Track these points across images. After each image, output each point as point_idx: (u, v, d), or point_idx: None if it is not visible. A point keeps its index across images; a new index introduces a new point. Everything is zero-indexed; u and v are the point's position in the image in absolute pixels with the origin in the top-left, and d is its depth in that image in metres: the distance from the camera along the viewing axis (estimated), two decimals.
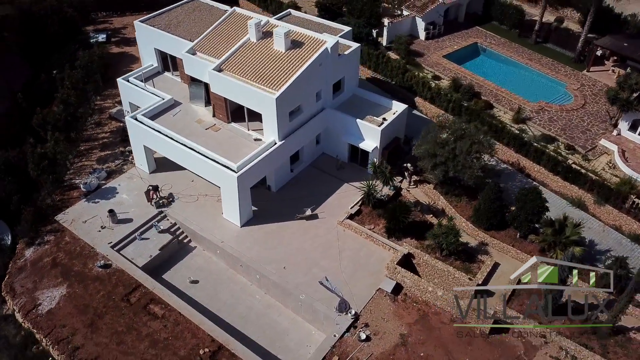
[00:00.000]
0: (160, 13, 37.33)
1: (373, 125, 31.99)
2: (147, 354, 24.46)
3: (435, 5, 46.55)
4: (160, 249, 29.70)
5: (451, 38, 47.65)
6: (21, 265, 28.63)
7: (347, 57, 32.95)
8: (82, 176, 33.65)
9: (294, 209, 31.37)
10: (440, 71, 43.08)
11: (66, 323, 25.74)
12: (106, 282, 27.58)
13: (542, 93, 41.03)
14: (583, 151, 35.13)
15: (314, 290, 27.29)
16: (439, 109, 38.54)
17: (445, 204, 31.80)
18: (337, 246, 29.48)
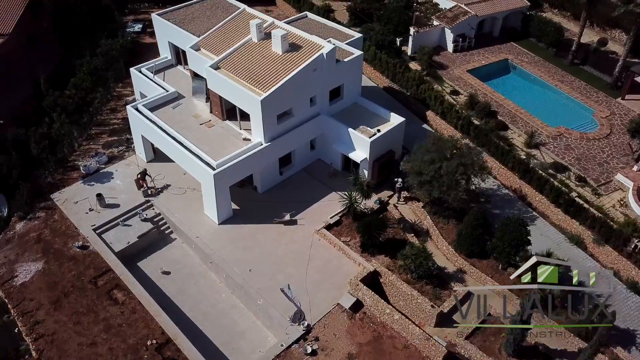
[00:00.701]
0: (180, 7, 38.25)
1: (363, 136, 31.20)
2: (98, 337, 25.14)
3: (467, 17, 44.78)
4: (139, 237, 30.40)
5: (481, 52, 45.67)
6: (10, 237, 30.25)
7: (346, 64, 32.31)
8: (86, 159, 35.08)
9: (276, 212, 31.17)
10: (460, 86, 41.43)
11: (34, 297, 26.93)
12: (80, 262, 28.61)
13: (566, 118, 38.49)
14: (595, 184, 32.61)
15: (274, 297, 27.01)
16: (448, 125, 37.05)
17: (430, 225, 30.49)
18: (308, 255, 29.02)
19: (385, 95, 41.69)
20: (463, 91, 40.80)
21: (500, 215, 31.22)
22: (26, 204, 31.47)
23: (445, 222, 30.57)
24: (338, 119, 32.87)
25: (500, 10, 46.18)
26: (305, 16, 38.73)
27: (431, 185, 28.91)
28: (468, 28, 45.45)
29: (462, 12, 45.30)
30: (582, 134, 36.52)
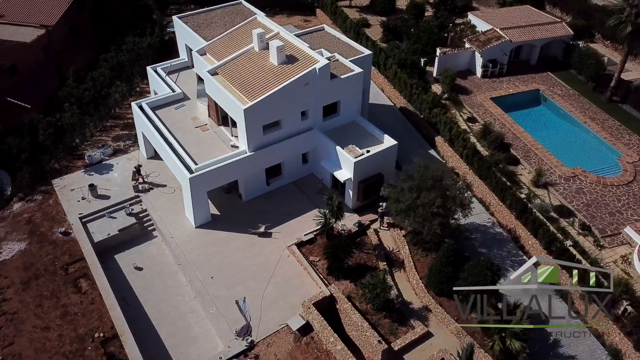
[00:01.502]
0: (202, 12, 39.21)
1: (349, 156, 30.36)
2: (52, 323, 26.03)
3: (500, 42, 42.59)
4: (120, 230, 31.25)
5: (512, 80, 43.25)
6: (5, 215, 32.12)
7: (342, 80, 31.63)
8: (93, 149, 36.66)
9: (255, 221, 31.02)
10: (479, 113, 39.43)
11: (9, 275, 28.37)
12: (58, 248, 29.83)
13: (587, 159, 35.62)
14: (599, 235, 29.77)
15: (228, 307, 26.82)
16: (455, 152, 35.32)
17: (407, 255, 29.10)
18: (272, 270, 28.58)
19: (399, 116, 40.52)
20: (480, 119, 38.79)
21: (486, 254, 29.31)
22: (27, 186, 33.31)
23: (423, 255, 29.11)
24: (331, 135, 32.23)
25: (538, 38, 43.51)
26: (322, 29, 38.38)
27: (407, 214, 27.60)
28: (500, 53, 43.17)
29: (496, 37, 43.12)
30: (600, 178, 33.50)
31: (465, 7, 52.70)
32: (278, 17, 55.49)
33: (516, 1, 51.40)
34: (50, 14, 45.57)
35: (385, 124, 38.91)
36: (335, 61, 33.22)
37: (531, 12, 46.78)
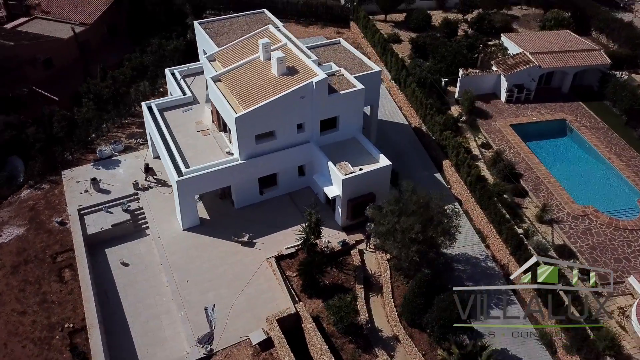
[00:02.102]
0: (223, 18, 39.90)
1: (338, 172, 29.77)
2: (30, 309, 27.01)
3: (528, 66, 40.69)
4: (113, 225, 32.02)
5: (538, 107, 41.15)
6: (13, 200, 33.79)
7: (342, 96, 31.12)
8: (106, 144, 37.98)
9: (242, 229, 31.01)
10: (495, 140, 37.75)
11: (2, 258, 29.73)
12: (52, 237, 30.99)
13: (603, 198, 33.27)
14: (599, 282, 27.56)
15: (197, 312, 26.86)
16: (460, 178, 33.94)
17: (387, 281, 28.11)
18: (247, 280, 28.39)
19: (412, 136, 39.50)
20: (495, 146, 37.09)
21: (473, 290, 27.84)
22: (38, 175, 34.94)
23: (404, 282, 27.99)
24: (327, 150, 31.78)
25: (570, 65, 41.19)
26: (337, 42, 38.08)
27: (386, 238, 26.68)
28: (528, 79, 41.21)
29: (524, 61, 41.21)
30: (613, 219, 31.11)
31: (503, 28, 50.83)
32: (312, 28, 55.84)
33: (558, 25, 48.96)
34: (90, 13, 48.05)
35: (395, 143, 38.27)
36: (340, 76, 32.80)
37: (569, 38, 44.42)
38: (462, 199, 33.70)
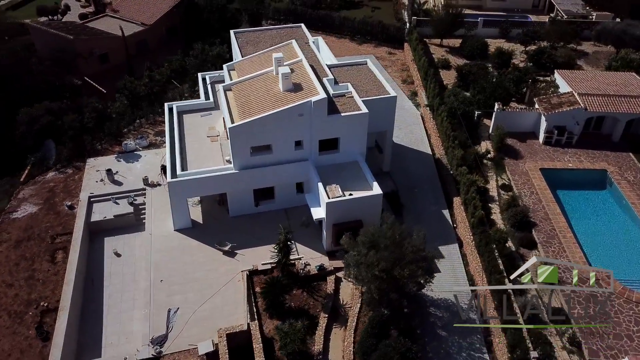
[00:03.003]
0: (259, 30, 40.71)
1: (324, 195, 29.05)
2: (17, 283, 28.92)
3: (572, 108, 37.41)
4: (115, 216, 33.60)
5: (579, 154, 37.61)
6: (38, 180, 36.50)
7: (342, 118, 30.40)
8: (133, 139, 40.01)
9: (228, 237, 31.23)
10: (518, 183, 35.00)
11: (10, 232, 32.19)
12: (58, 219, 33.08)
13: (624, 264, 29.89)
14: (586, 351, 24.58)
15: (160, 313, 27.33)
16: (465, 217, 31.87)
17: (354, 314, 26.88)
18: (217, 289, 28.45)
19: (431, 167, 37.75)
20: (516, 189, 34.37)
21: (444, 338, 26.01)
22: (65, 160, 37.54)
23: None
24: (324, 171, 31.21)
25: (622, 112, 37.25)
26: (364, 63, 37.32)
27: (352, 270, 25.57)
28: (572, 121, 37.81)
29: (569, 102, 37.91)
30: (627, 290, 27.53)
31: (565, 64, 47.14)
32: (365, 46, 55.39)
33: (625, 67, 44.56)
34: (151, 15, 51.11)
35: (413, 173, 36.90)
36: (349, 97, 32.12)
37: (632, 81, 40.25)
38: (463, 241, 31.57)
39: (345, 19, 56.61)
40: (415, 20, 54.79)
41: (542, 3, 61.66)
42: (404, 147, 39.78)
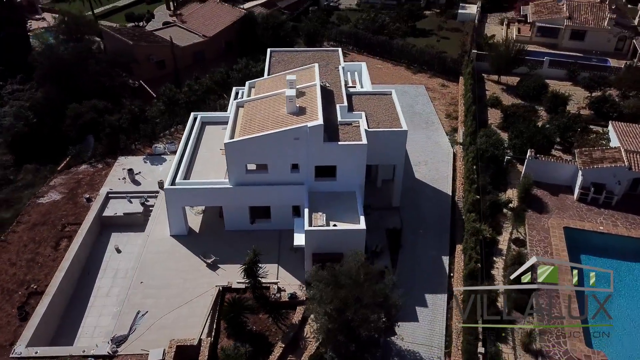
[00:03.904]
0: (296, 50, 41.22)
1: (305, 223, 28.45)
2: (18, 262, 31.19)
3: (613, 165, 33.74)
4: (124, 214, 35.34)
5: (617, 217, 33.85)
6: (71, 172, 39.26)
7: (339, 147, 29.73)
8: (165, 143, 41.94)
9: (215, 250, 31.57)
10: (535, 240, 32.32)
11: (31, 215, 34.88)
12: (75, 209, 35.37)
13: (631, 348, 25.84)
14: None
15: (129, 313, 28.15)
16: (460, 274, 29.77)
17: (309, 350, 25.92)
18: (188, 299, 28.77)
19: (446, 209, 35.77)
20: (530, 247, 31.49)
21: None
22: (99, 155, 40.25)
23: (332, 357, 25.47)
24: (318, 198, 30.70)
25: None
26: (389, 93, 36.32)
27: (310, 302, 24.73)
28: (613, 180, 34.05)
29: (612, 158, 34.17)
30: None
31: (631, 117, 42.64)
32: (420, 75, 54.03)
33: None
34: (212, 28, 53.64)
35: (424, 211, 35.45)
36: (355, 126, 31.38)
37: None
38: (455, 293, 29.35)
39: (403, 47, 55.57)
40: (475, 53, 52.48)
41: (626, 47, 56.38)
42: (424, 184, 38.00)
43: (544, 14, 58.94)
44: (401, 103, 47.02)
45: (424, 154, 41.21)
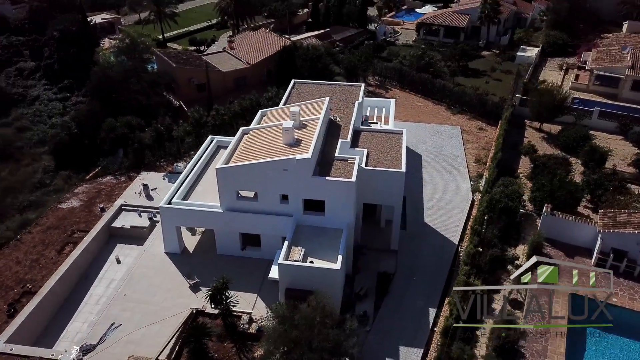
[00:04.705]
0: (319, 83, 41.50)
1: (281, 256, 28.02)
2: (23, 261, 33.14)
3: (637, 231, 30.50)
4: (131, 226, 36.72)
5: (636, 289, 30.36)
6: (97, 182, 41.62)
7: (326, 182, 29.19)
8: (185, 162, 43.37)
9: (205, 272, 31.86)
10: (534, 304, 29.35)
11: (49, 219, 37.15)
12: (88, 217, 37.28)
13: None
14: None
15: (104, 323, 28.95)
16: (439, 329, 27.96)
17: None
18: (162, 318, 29.11)
19: (447, 259, 33.82)
20: (526, 311, 28.89)
21: None
22: (124, 168, 42.40)
23: None
24: (303, 231, 30.30)
25: None
26: (399, 132, 35.38)
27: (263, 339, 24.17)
28: (635, 248, 30.73)
29: (637, 224, 30.87)
30: None
31: None
32: (459, 116, 52.52)
33: None
34: (255, 57, 55.39)
35: (423, 258, 34.24)
36: (350, 163, 30.78)
37: None
38: (431, 349, 27.51)
39: (444, 86, 54.21)
40: (519, 98, 50.07)
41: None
42: (432, 229, 36.34)
43: (604, 62, 55.31)
44: (431, 143, 46.29)
45: (439, 198, 39.53)
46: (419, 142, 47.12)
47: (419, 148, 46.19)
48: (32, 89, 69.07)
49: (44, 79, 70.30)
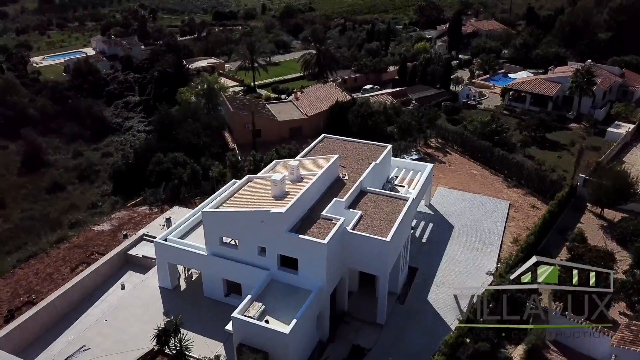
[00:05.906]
0: (348, 140, 41.39)
1: (237, 310, 27.51)
2: (41, 273, 36.26)
3: None
4: (143, 256, 38.43)
5: None
6: (134, 210, 44.74)
7: (299, 240, 28.34)
8: None
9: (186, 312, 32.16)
10: None
11: (78, 237, 40.54)
12: (110, 242, 39.97)
13: None
14: None
15: (76, 344, 30.48)
16: None
17: None
18: (128, 349, 29.82)
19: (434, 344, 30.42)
20: None
21: None
22: (159, 200, 45.13)
23: None
24: (274, 287, 29.69)
25: None
26: (405, 199, 33.45)
27: None
28: None
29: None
30: None
31: None
32: (513, 190, 49.38)
33: None
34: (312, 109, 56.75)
35: (409, 339, 31.89)
36: (333, 224, 29.74)
37: None
38: None
39: (503, 156, 50.51)
40: (583, 178, 44.92)
41: None
42: (432, 308, 33.38)
43: None
44: (470, 215, 43.25)
45: (455, 276, 36.34)
46: (458, 212, 44.01)
47: (455, 219, 43.10)
48: (130, 120, 77.49)
49: (142, 112, 78.55)
